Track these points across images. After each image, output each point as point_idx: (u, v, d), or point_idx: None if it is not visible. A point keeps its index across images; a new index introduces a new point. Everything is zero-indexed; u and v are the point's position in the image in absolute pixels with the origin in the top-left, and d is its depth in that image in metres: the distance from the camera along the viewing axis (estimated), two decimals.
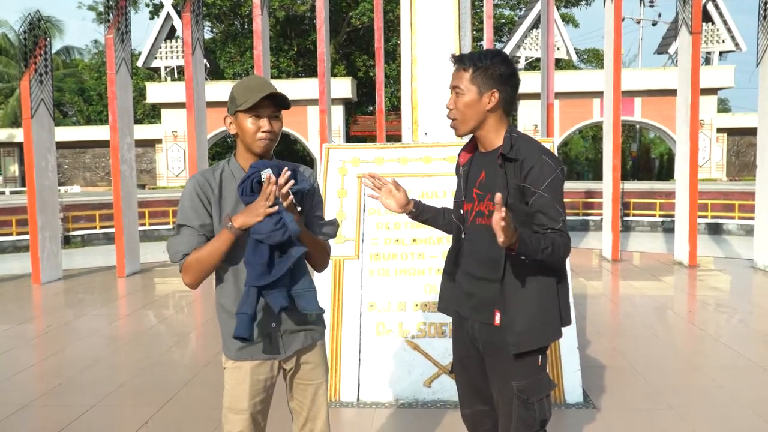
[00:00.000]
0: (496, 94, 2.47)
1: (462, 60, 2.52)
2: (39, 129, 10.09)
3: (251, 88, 2.43)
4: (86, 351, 6.35)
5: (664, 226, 16.53)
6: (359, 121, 31.80)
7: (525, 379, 2.48)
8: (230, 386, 2.53)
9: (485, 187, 2.50)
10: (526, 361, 2.49)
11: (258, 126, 2.44)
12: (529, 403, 2.47)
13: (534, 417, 2.49)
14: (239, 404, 2.51)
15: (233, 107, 2.46)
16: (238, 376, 2.51)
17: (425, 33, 5.70)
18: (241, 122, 2.45)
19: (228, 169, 2.52)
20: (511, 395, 2.49)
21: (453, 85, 2.53)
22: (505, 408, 2.54)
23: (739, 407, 4.60)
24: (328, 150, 5.33)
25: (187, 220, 2.45)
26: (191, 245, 2.44)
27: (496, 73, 2.46)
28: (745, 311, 7.84)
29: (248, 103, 2.40)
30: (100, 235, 16.15)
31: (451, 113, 2.54)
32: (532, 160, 2.40)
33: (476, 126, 2.53)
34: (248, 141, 2.46)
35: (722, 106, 40.76)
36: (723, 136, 27.35)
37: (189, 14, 11.39)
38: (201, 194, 2.46)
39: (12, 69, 36.80)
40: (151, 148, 29.04)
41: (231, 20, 33.44)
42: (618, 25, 11.40)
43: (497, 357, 2.52)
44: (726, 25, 26.16)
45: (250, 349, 2.49)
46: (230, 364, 2.53)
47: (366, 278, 4.93)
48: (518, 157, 2.42)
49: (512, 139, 2.47)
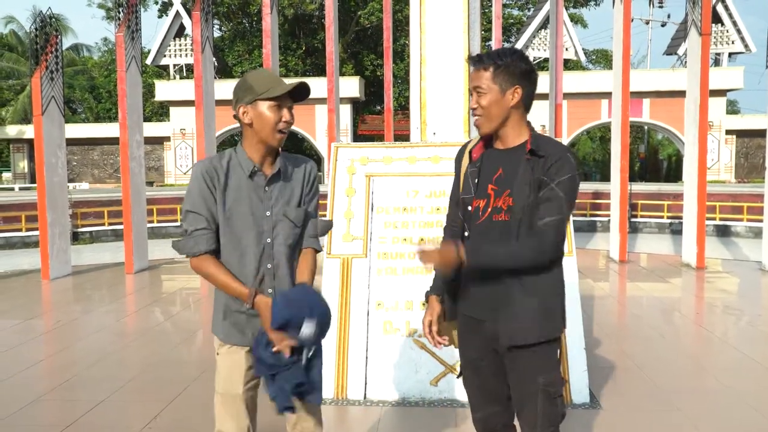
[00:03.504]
0: (519, 90, 2.49)
1: (481, 60, 2.51)
2: (49, 126, 10.15)
3: (272, 79, 2.47)
4: (95, 347, 6.39)
5: (672, 228, 16.48)
6: (367, 121, 31.80)
7: (550, 373, 2.51)
8: (225, 371, 2.54)
9: (504, 182, 2.50)
10: (548, 355, 2.52)
11: (279, 116, 2.46)
12: (553, 398, 2.50)
13: (557, 412, 2.53)
14: (234, 389, 2.53)
15: (251, 96, 2.45)
16: (233, 361, 2.53)
17: (434, 33, 5.70)
18: (260, 111, 2.45)
19: (236, 159, 2.52)
20: (536, 391, 2.50)
21: (474, 86, 2.52)
22: (529, 405, 2.53)
23: (747, 409, 4.60)
24: (336, 149, 5.35)
25: (195, 206, 2.47)
26: (209, 244, 2.48)
27: (517, 69, 2.48)
28: (752, 313, 7.82)
29: (273, 92, 2.42)
30: (108, 231, 16.21)
31: (477, 112, 2.53)
32: (557, 156, 2.43)
33: (500, 124, 2.53)
34: (267, 131, 2.46)
35: (731, 108, 40.57)
36: (732, 138, 27.23)
37: (199, 12, 11.43)
38: (208, 180, 2.47)
39: (22, 66, 36.96)
40: (159, 145, 29.12)
41: (240, 18, 33.49)
42: (627, 25, 11.38)
43: (519, 353, 2.51)
44: (735, 26, 26.06)
45: (243, 336, 2.53)
46: (225, 350, 2.54)
47: (374, 277, 4.94)
48: (545, 153, 2.45)
49: (536, 137, 2.51)
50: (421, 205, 5.13)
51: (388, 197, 5.16)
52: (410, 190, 5.16)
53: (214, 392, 2.60)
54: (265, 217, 2.52)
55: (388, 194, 5.16)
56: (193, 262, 2.50)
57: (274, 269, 2.56)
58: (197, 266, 2.50)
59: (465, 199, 2.62)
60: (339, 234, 5.07)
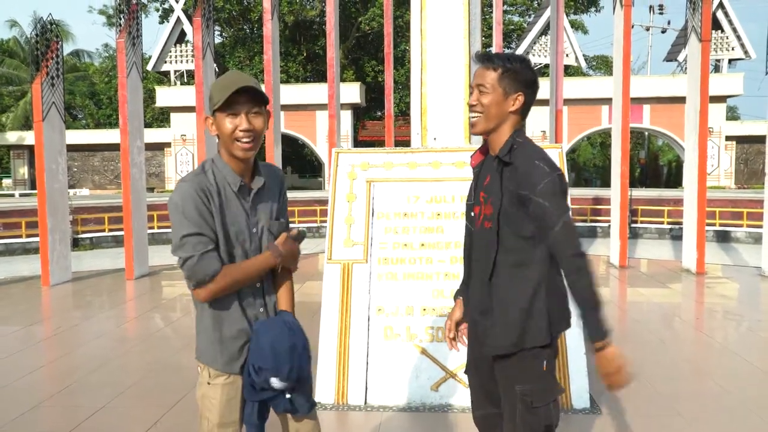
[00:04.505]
0: (521, 97, 2.49)
1: (491, 59, 2.51)
2: (50, 132, 10.16)
3: (226, 86, 2.27)
4: (95, 353, 6.39)
5: (672, 234, 16.48)
6: (367, 126, 31.86)
7: (528, 383, 2.48)
8: (223, 400, 2.40)
9: (490, 190, 2.53)
10: (529, 365, 2.50)
11: (235, 125, 2.29)
12: (533, 408, 2.47)
13: (539, 422, 2.48)
14: (232, 416, 2.42)
15: (210, 106, 2.31)
16: (231, 389, 2.41)
17: (435, 39, 5.73)
18: (219, 122, 2.31)
19: (219, 173, 2.36)
20: (515, 399, 2.49)
21: (477, 83, 2.52)
22: (509, 412, 2.54)
23: (747, 414, 4.60)
24: (337, 154, 5.36)
25: (198, 227, 2.26)
26: (220, 261, 2.30)
27: (524, 77, 2.49)
28: (752, 319, 7.82)
29: (221, 101, 2.26)
30: (108, 237, 16.21)
31: (476, 109, 2.52)
32: (525, 166, 2.42)
33: (495, 126, 2.52)
34: (227, 143, 2.32)
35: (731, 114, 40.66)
36: (732, 144, 27.28)
37: (200, 18, 11.45)
38: (204, 199, 2.28)
39: (22, 72, 37.05)
40: (159, 151, 29.18)
41: (240, 25, 33.60)
42: (627, 32, 11.40)
43: (502, 360, 2.54)
44: (735, 32, 26.15)
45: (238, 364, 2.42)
46: (221, 380, 2.41)
47: (374, 282, 4.95)
48: (513, 161, 2.44)
49: (513, 143, 2.49)
50: (421, 211, 5.14)
51: (389, 203, 5.17)
52: (411, 195, 5.17)
53: (205, 425, 2.44)
54: (252, 234, 2.41)
55: (388, 200, 5.17)
56: (211, 286, 2.30)
57: (264, 287, 2.47)
58: (218, 284, 2.30)
59: (468, 205, 2.69)
60: (340, 239, 5.07)
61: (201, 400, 2.45)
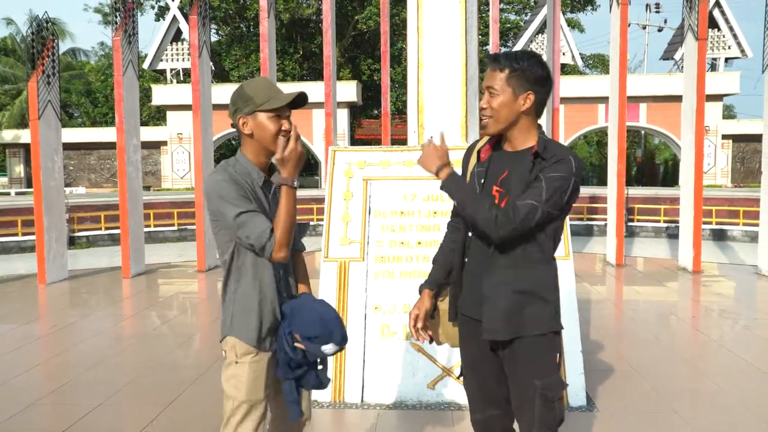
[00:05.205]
0: (532, 96, 2.48)
1: (498, 60, 2.50)
2: (46, 130, 10.14)
3: (271, 89, 2.48)
4: (91, 351, 6.38)
5: (669, 232, 16.50)
6: (364, 125, 31.85)
7: (547, 377, 2.48)
8: (251, 378, 2.52)
9: (509, 184, 2.50)
10: (546, 358, 2.50)
11: (279, 126, 2.47)
12: (550, 402, 2.47)
13: (554, 416, 2.49)
14: (258, 394, 2.54)
15: (251, 107, 2.45)
16: (260, 367, 2.54)
17: (432, 37, 5.72)
18: (260, 122, 2.47)
19: (244, 168, 2.52)
20: (533, 395, 2.48)
21: (487, 86, 2.51)
22: (526, 409, 2.52)
23: (743, 412, 4.61)
24: (334, 153, 5.36)
25: (244, 205, 2.39)
26: (268, 221, 2.40)
27: (533, 75, 2.47)
28: (749, 317, 7.84)
29: (273, 104, 2.44)
30: (105, 236, 16.18)
31: (486, 112, 2.52)
32: (558, 156, 2.43)
33: (507, 126, 2.52)
34: (268, 140, 2.48)
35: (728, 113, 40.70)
36: (728, 143, 27.31)
37: (196, 17, 11.43)
38: (242, 183, 2.45)
39: (18, 70, 36.95)
40: (156, 150, 29.13)
41: (237, 23, 33.56)
42: (624, 30, 11.41)
43: (518, 356, 2.52)
44: (732, 31, 26.17)
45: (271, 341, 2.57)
46: (250, 357, 2.52)
47: (371, 280, 4.95)
48: (549, 155, 2.44)
49: (545, 141, 2.49)
50: (418, 209, 5.14)
51: (386, 201, 5.17)
52: (407, 193, 5.17)
53: (231, 405, 2.53)
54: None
55: (385, 198, 5.17)
56: (278, 236, 2.40)
57: (286, 275, 2.66)
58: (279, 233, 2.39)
59: None
60: (336, 237, 5.07)
61: (227, 382, 2.55)
